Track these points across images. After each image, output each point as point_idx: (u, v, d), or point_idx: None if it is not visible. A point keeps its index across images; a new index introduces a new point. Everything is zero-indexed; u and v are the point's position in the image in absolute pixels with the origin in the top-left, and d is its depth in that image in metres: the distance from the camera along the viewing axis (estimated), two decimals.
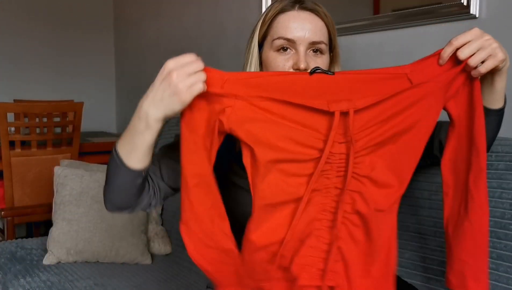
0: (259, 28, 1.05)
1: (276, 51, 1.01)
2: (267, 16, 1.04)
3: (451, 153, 0.88)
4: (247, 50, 1.07)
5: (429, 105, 0.83)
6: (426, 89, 0.83)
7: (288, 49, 1.00)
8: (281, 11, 1.02)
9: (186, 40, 2.66)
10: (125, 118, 3.52)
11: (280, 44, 1.00)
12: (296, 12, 1.01)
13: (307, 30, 1.00)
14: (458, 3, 1.30)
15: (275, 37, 1.01)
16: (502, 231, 1.01)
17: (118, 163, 0.89)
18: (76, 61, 3.52)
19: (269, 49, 1.02)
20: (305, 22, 1.01)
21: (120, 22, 3.55)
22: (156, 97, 0.83)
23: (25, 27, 3.32)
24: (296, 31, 1.00)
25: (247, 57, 1.06)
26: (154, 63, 3.03)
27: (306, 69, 0.98)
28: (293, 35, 0.99)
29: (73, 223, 1.72)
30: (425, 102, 0.83)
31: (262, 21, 1.05)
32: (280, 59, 1.00)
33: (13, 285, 1.53)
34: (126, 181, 0.91)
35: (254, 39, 1.06)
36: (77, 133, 2.49)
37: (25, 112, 2.37)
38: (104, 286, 1.54)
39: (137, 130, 0.86)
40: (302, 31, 1.00)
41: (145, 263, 1.76)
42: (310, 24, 1.01)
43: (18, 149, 2.35)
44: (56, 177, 1.82)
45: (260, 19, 1.06)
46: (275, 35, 1.01)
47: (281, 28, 1.01)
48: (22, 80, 3.32)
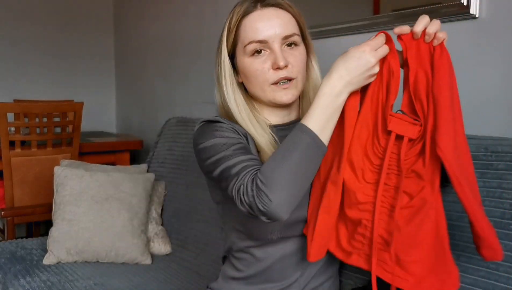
0: (226, 37, 1.02)
1: (250, 56, 0.99)
2: (231, 24, 1.01)
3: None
4: (217, 63, 1.04)
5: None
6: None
7: (262, 50, 0.98)
8: (244, 14, 0.99)
9: (186, 40, 2.66)
10: (125, 118, 3.52)
11: (253, 48, 0.98)
12: (260, 11, 0.99)
13: (276, 27, 0.98)
14: (458, 3, 1.30)
15: (246, 43, 0.99)
16: (502, 231, 1.01)
17: (322, 149, 0.89)
18: (76, 61, 3.52)
19: (243, 56, 1.00)
20: (272, 18, 0.98)
21: (120, 22, 3.55)
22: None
23: (25, 27, 3.32)
24: (265, 30, 0.97)
25: (220, 71, 1.04)
26: (154, 63, 3.03)
27: (286, 66, 0.97)
28: (264, 35, 0.97)
29: (73, 223, 1.72)
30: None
31: (227, 30, 1.02)
32: (257, 63, 0.99)
33: (13, 285, 1.53)
34: (319, 165, 0.92)
35: (223, 50, 1.03)
36: (77, 133, 2.49)
37: (25, 112, 2.37)
38: (104, 286, 1.54)
39: (336, 108, 0.89)
40: (272, 28, 0.98)
41: (145, 263, 1.76)
42: (277, 19, 0.99)
43: (18, 149, 2.36)
44: (56, 177, 1.82)
45: (224, 29, 1.03)
46: (245, 40, 0.99)
47: (250, 32, 0.98)
48: (22, 80, 3.32)
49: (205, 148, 0.98)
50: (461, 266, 1.06)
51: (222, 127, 1.00)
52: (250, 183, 0.87)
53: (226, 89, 1.03)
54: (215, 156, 0.96)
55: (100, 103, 3.57)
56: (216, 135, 0.98)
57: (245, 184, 0.88)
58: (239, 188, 0.88)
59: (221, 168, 0.94)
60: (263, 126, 1.03)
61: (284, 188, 0.85)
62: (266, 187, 0.84)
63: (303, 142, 0.87)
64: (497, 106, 1.25)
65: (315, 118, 0.88)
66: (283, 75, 0.99)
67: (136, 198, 1.82)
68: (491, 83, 1.27)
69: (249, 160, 0.93)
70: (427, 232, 0.88)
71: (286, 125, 1.08)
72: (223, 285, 1.13)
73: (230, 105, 1.03)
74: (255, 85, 1.02)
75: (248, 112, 1.03)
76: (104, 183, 1.80)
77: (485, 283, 1.01)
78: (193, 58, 2.61)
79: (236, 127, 1.01)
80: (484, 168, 1.06)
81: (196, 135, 1.03)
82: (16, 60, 3.31)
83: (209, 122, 1.03)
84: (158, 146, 2.16)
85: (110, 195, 1.78)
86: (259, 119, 1.04)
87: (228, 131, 0.99)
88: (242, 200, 0.88)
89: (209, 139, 0.98)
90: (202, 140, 1.00)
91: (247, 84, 1.04)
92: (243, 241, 1.07)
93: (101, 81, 3.62)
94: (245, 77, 1.03)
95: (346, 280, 1.24)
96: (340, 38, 1.68)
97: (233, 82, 1.04)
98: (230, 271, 1.12)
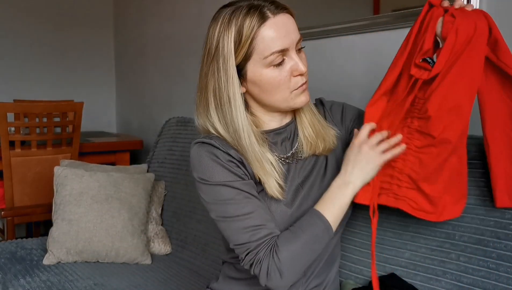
0: (234, 50, 0.95)
1: (269, 67, 0.96)
2: (243, 36, 0.94)
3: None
4: (219, 79, 0.97)
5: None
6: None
7: (285, 59, 0.96)
8: (259, 24, 0.94)
9: (186, 40, 2.66)
10: (125, 118, 3.52)
11: (274, 58, 0.95)
12: (273, 19, 0.95)
13: (291, 33, 0.96)
14: None
15: (266, 54, 0.94)
16: (502, 231, 1.01)
17: (329, 234, 0.97)
18: (76, 61, 3.52)
19: (260, 68, 0.96)
20: (287, 24, 0.96)
21: (120, 22, 3.55)
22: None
23: (25, 27, 3.32)
24: (285, 38, 0.95)
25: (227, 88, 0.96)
26: (154, 63, 3.03)
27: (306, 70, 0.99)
28: (284, 44, 0.95)
29: (73, 223, 1.72)
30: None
31: (236, 42, 0.95)
32: (277, 73, 0.96)
33: (13, 285, 1.53)
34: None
35: (230, 65, 0.96)
36: (77, 133, 2.49)
37: (25, 112, 2.37)
38: (104, 286, 1.54)
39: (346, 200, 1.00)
40: (289, 35, 0.96)
41: (145, 263, 1.76)
42: (291, 24, 0.97)
43: (18, 149, 2.36)
44: (56, 177, 1.82)
45: (228, 41, 0.95)
46: (266, 52, 0.94)
47: (271, 42, 0.94)
48: (22, 80, 3.32)
49: (211, 187, 0.97)
50: (461, 266, 1.06)
51: (219, 158, 0.97)
52: (267, 258, 0.93)
53: (235, 108, 0.97)
54: (224, 205, 0.97)
55: (100, 103, 3.57)
56: (222, 176, 0.96)
57: (259, 259, 0.94)
58: (252, 260, 0.95)
59: (229, 223, 0.97)
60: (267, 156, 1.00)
61: (297, 273, 0.96)
62: (282, 267, 0.92)
63: (320, 236, 0.96)
64: None
65: (333, 212, 0.98)
66: (304, 80, 0.99)
67: (136, 198, 1.82)
68: None
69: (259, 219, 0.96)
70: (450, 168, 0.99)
71: (282, 128, 1.08)
72: (224, 286, 1.13)
73: (238, 126, 0.98)
74: (275, 95, 0.99)
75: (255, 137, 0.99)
76: (104, 183, 1.80)
77: (485, 283, 1.01)
78: (193, 58, 2.61)
79: (232, 153, 0.98)
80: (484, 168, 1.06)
81: (194, 161, 1.00)
82: (16, 60, 3.31)
83: (204, 144, 0.99)
84: (158, 146, 2.16)
85: (110, 195, 1.78)
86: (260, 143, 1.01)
87: (227, 164, 0.97)
88: (252, 267, 0.96)
89: (217, 179, 0.96)
90: (201, 174, 0.98)
91: (261, 94, 1.00)
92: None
93: (101, 81, 3.62)
94: (259, 88, 0.99)
95: (346, 280, 1.24)
96: (340, 38, 1.68)
97: (241, 99, 0.98)
98: (230, 272, 1.12)
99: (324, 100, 1.17)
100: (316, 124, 1.08)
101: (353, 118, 1.13)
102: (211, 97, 0.99)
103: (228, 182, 0.96)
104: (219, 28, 0.97)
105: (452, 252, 1.08)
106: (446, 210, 1.00)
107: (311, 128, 1.07)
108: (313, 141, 1.06)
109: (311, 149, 1.07)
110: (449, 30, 0.91)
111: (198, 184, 1.00)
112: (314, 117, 1.08)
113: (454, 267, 1.07)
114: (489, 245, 1.02)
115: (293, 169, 1.06)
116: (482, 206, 1.05)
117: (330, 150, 1.09)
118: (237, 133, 0.98)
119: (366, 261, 1.22)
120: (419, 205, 1.00)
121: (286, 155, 1.06)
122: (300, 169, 1.07)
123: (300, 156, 1.07)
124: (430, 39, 0.95)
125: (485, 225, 1.04)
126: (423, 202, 1.00)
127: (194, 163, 1.00)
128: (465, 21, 0.91)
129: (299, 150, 1.07)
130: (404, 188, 1.01)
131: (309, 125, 1.07)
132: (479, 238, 1.04)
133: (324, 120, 1.11)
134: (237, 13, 0.95)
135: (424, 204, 1.00)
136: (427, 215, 1.01)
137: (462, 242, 1.06)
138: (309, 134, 1.07)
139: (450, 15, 0.92)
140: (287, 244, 0.93)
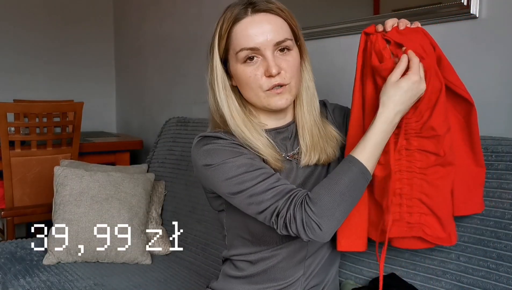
0: (217, 43, 1.00)
1: (242, 63, 0.98)
2: (222, 30, 0.99)
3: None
4: (209, 68, 1.03)
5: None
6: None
7: (255, 57, 0.97)
8: (235, 20, 0.97)
9: (186, 40, 2.66)
10: (125, 118, 3.52)
11: (245, 55, 0.97)
12: (250, 17, 0.97)
13: (267, 33, 0.96)
14: (458, 3, 1.30)
15: (237, 50, 0.97)
16: (502, 231, 1.01)
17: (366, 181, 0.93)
18: (76, 61, 3.52)
19: (235, 63, 0.99)
20: (263, 24, 0.97)
21: (120, 22, 3.55)
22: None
23: (25, 27, 3.32)
24: (257, 37, 0.96)
25: (212, 77, 1.02)
26: (154, 63, 3.03)
27: (279, 73, 0.96)
28: (255, 42, 0.96)
29: (73, 223, 1.72)
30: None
31: (218, 36, 1.00)
32: (249, 70, 0.98)
33: (13, 285, 1.53)
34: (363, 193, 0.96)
35: (214, 56, 1.01)
36: (77, 133, 2.49)
37: (25, 112, 2.37)
38: (104, 286, 1.54)
39: (387, 135, 0.93)
40: (263, 35, 0.96)
41: (145, 263, 1.76)
42: (269, 24, 0.97)
43: (18, 149, 2.35)
44: (56, 177, 1.82)
45: (215, 34, 1.01)
46: (237, 47, 0.97)
47: (241, 39, 0.97)
48: (22, 80, 3.32)
49: (219, 168, 0.96)
50: (461, 266, 1.06)
51: (226, 144, 0.98)
52: (299, 212, 0.89)
53: (219, 94, 1.02)
54: (236, 177, 0.95)
55: (100, 103, 3.57)
56: (227, 155, 0.96)
57: (292, 212, 0.90)
58: (284, 216, 0.91)
59: (249, 192, 0.94)
60: (258, 130, 1.01)
61: (334, 217, 0.89)
62: (318, 217, 0.88)
63: (353, 173, 0.91)
64: (497, 106, 1.25)
65: (369, 154, 0.92)
66: (276, 82, 0.98)
67: (136, 198, 1.82)
68: (491, 83, 1.27)
69: (279, 182, 0.94)
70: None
71: (283, 128, 1.07)
72: (224, 285, 1.13)
73: (224, 110, 1.02)
74: (249, 91, 1.01)
75: (242, 117, 1.01)
76: (104, 183, 1.80)
77: (485, 283, 1.01)
78: (193, 58, 2.61)
79: (236, 141, 1.00)
80: None
81: (198, 153, 1.00)
82: (16, 60, 3.31)
83: (209, 137, 1.01)
84: (158, 146, 2.16)
85: (110, 195, 1.78)
86: (254, 123, 1.02)
87: (236, 147, 0.98)
88: (287, 227, 0.91)
89: (222, 158, 0.96)
90: (209, 160, 0.97)
91: (241, 89, 1.03)
92: (248, 247, 1.07)
93: (101, 81, 3.62)
94: (239, 83, 1.02)
95: (346, 280, 1.24)
96: (340, 38, 1.68)
97: (226, 87, 1.02)
98: (231, 271, 1.12)
99: (327, 102, 1.17)
100: (316, 135, 1.06)
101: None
102: (208, 85, 1.05)
103: (237, 157, 0.96)
104: (216, 23, 1.02)
105: (452, 252, 1.08)
106: (453, 232, 0.98)
107: (309, 137, 1.05)
108: (307, 151, 1.05)
109: (307, 159, 1.05)
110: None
111: (204, 171, 0.99)
112: (315, 126, 1.06)
113: (454, 267, 1.07)
114: (489, 245, 1.03)
115: (295, 169, 1.06)
116: None
117: (327, 162, 1.08)
118: (223, 118, 1.02)
119: (366, 261, 1.22)
120: (432, 231, 0.97)
121: (287, 154, 1.06)
122: (302, 170, 1.06)
123: (301, 158, 1.07)
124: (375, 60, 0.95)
125: (485, 225, 1.04)
126: (437, 226, 0.97)
127: (200, 154, 0.99)
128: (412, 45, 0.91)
129: (300, 153, 1.07)
130: (416, 214, 0.97)
131: (307, 133, 1.06)
132: (479, 238, 1.04)
133: (331, 125, 1.10)
134: (228, 9, 1.00)
135: (438, 228, 0.97)
136: (441, 240, 0.98)
137: (462, 242, 1.06)
138: (307, 143, 1.05)
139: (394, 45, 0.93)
140: (319, 195, 0.90)
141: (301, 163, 1.05)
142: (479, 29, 1.29)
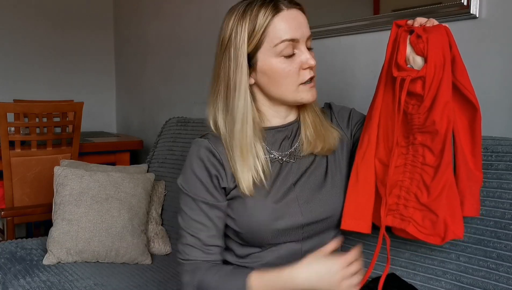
0: (247, 38, 0.99)
1: (279, 56, 0.99)
2: (256, 24, 0.98)
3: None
4: (229, 66, 1.00)
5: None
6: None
7: (295, 51, 0.99)
8: (274, 14, 0.98)
9: (186, 40, 2.67)
10: (125, 118, 3.52)
11: (284, 47, 0.98)
12: (287, 11, 0.99)
13: (303, 27, 1.00)
14: (458, 3, 1.30)
15: (277, 42, 0.98)
16: (502, 231, 1.01)
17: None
18: (76, 61, 3.52)
19: (270, 56, 0.99)
20: (299, 18, 1.01)
21: (120, 22, 3.55)
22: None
23: (25, 27, 3.32)
24: (296, 30, 0.99)
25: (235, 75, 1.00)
26: (154, 63, 3.03)
27: (315, 65, 1.01)
28: (295, 34, 0.99)
29: (73, 223, 1.72)
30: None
31: (250, 30, 0.98)
32: (287, 63, 0.99)
33: (13, 285, 1.53)
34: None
35: (241, 53, 0.99)
36: (77, 133, 2.49)
37: (25, 112, 2.37)
38: (104, 286, 1.54)
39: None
40: (300, 28, 1.00)
41: (145, 263, 1.76)
42: (303, 19, 1.01)
43: (18, 149, 2.35)
44: (56, 177, 1.82)
45: (243, 30, 0.99)
46: (275, 39, 0.98)
47: (282, 31, 0.98)
48: (22, 80, 3.32)
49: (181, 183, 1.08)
50: (461, 266, 1.06)
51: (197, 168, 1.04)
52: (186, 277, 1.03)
53: (238, 95, 1.00)
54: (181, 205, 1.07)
55: (100, 103, 3.57)
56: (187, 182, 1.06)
57: (183, 271, 1.04)
58: (181, 265, 1.05)
59: (180, 218, 1.07)
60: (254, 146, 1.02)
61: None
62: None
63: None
64: (497, 106, 1.25)
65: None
66: (312, 74, 1.01)
67: (136, 198, 1.82)
68: (491, 83, 1.27)
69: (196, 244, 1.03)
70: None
71: (284, 127, 1.09)
72: None
73: (237, 113, 1.01)
74: (282, 85, 1.01)
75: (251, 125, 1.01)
76: (104, 183, 1.80)
77: (485, 283, 1.01)
78: (193, 58, 2.61)
79: (219, 151, 1.03)
80: (484, 168, 1.06)
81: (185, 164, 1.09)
82: (16, 60, 3.31)
83: (198, 141, 1.07)
84: (158, 146, 2.16)
85: (110, 195, 1.78)
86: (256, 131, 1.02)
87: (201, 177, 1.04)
88: (179, 268, 1.06)
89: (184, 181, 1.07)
90: (182, 172, 1.09)
91: (269, 85, 1.02)
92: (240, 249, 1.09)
93: (101, 81, 3.62)
94: (268, 78, 1.01)
95: None
96: (340, 38, 1.68)
97: (247, 87, 1.01)
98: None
99: (333, 104, 1.19)
100: (318, 124, 1.09)
101: (358, 122, 1.14)
102: (221, 86, 1.03)
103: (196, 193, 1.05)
104: (233, 19, 1.01)
105: (452, 252, 1.08)
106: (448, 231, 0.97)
107: (312, 127, 1.08)
108: (312, 140, 1.08)
109: (310, 148, 1.08)
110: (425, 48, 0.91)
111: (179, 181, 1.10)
112: (316, 117, 1.10)
113: (454, 267, 1.07)
114: (489, 245, 1.03)
115: (288, 168, 1.07)
116: (482, 206, 1.05)
117: (330, 151, 1.09)
118: (233, 120, 1.01)
119: (366, 261, 1.22)
120: (423, 227, 0.98)
121: (284, 153, 1.07)
122: (296, 169, 1.07)
123: (298, 155, 1.08)
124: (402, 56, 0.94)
125: (485, 225, 1.04)
126: (427, 223, 0.97)
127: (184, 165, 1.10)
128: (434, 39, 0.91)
129: (298, 148, 1.09)
130: (411, 208, 0.99)
131: (310, 124, 1.09)
132: (479, 238, 1.04)
133: (329, 122, 1.12)
134: (252, 5, 1.00)
135: (428, 225, 0.97)
136: (431, 237, 0.98)
137: (462, 242, 1.06)
138: (310, 133, 1.08)
139: (415, 36, 0.92)
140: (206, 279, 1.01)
141: (304, 152, 1.08)
142: (479, 29, 1.29)
